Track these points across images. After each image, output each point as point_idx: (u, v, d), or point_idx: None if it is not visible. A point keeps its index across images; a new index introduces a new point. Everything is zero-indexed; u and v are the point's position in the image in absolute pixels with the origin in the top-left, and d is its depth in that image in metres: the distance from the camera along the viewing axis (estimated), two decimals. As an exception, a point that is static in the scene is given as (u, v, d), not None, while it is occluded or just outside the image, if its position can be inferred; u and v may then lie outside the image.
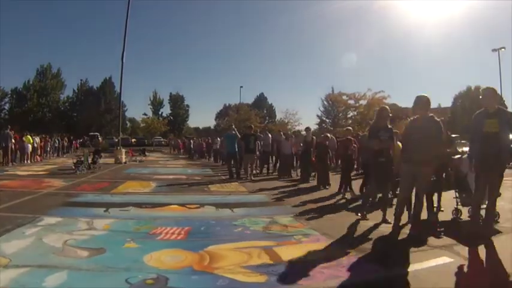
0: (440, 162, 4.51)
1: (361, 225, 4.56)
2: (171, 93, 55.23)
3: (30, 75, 46.96)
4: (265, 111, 53.56)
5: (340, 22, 76.12)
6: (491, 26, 59.56)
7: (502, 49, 28.23)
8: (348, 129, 8.70)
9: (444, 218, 4.91)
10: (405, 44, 73.88)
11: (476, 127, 3.96)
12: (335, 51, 77.48)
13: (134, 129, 52.09)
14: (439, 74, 64.20)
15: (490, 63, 64.16)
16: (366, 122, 25.52)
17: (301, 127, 35.61)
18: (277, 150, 11.66)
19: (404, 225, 4.35)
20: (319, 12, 68.16)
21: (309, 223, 4.63)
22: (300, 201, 6.30)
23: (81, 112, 47.92)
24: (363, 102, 27.87)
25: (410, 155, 4.10)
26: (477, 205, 4.15)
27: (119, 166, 14.51)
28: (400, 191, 4.46)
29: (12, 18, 58.56)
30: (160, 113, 53.54)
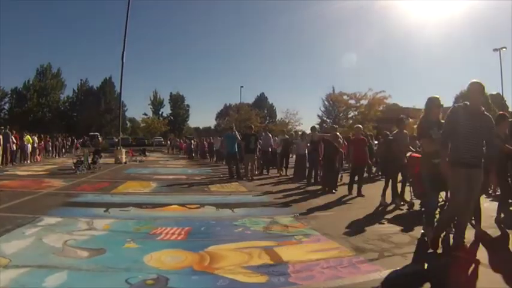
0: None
1: (362, 225, 4.55)
2: (171, 93, 55.24)
3: (30, 75, 47.10)
4: (266, 111, 53.51)
5: (341, 22, 76.38)
6: (492, 25, 59.47)
7: (503, 49, 28.12)
8: (359, 127, 7.90)
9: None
10: (406, 43, 74.11)
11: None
12: (335, 51, 77.67)
13: (134, 129, 52.06)
14: (440, 74, 64.11)
15: (491, 63, 64.05)
16: (367, 121, 25.48)
17: (301, 127, 35.70)
18: (285, 151, 11.45)
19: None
20: (319, 12, 68.42)
21: (309, 223, 4.62)
22: (301, 201, 6.29)
23: (81, 112, 47.90)
24: (364, 102, 27.83)
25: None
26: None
27: (119, 166, 14.50)
28: (457, 200, 3.37)
29: (12, 18, 58.75)
30: (160, 113, 53.57)
